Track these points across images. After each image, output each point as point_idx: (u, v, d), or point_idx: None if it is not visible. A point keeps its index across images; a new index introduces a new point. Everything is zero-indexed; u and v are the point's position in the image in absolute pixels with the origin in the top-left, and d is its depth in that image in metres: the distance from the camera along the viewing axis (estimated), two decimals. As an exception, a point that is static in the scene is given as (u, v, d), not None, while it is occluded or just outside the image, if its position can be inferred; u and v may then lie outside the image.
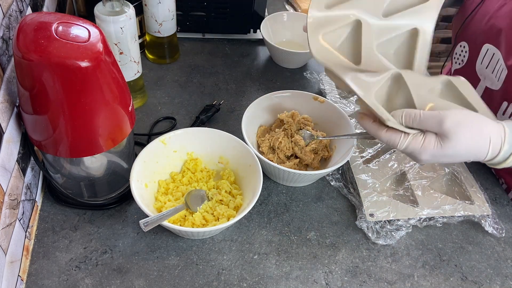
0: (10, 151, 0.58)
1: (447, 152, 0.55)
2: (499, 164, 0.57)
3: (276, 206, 0.74)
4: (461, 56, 0.84)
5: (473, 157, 0.56)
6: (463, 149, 0.55)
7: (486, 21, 0.76)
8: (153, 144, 0.69)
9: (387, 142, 0.58)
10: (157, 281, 0.63)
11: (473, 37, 0.79)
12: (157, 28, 0.92)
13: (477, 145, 0.55)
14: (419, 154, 0.57)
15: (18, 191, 0.60)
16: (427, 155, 0.56)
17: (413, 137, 0.57)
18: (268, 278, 0.65)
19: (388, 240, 0.70)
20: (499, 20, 0.74)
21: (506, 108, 0.74)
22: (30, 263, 0.63)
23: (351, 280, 0.66)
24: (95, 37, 0.53)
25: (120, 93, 0.59)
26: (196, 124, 0.84)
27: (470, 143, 0.55)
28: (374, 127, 0.59)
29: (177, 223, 0.66)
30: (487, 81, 0.77)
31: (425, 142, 0.56)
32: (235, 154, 0.72)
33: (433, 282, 0.66)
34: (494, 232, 0.72)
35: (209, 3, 1.00)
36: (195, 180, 0.73)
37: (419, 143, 0.56)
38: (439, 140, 0.55)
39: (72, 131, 0.56)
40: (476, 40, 0.78)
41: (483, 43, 0.77)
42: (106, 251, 0.65)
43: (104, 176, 0.69)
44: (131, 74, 0.81)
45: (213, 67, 0.99)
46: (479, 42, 0.78)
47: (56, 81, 0.51)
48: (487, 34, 0.76)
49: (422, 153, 0.56)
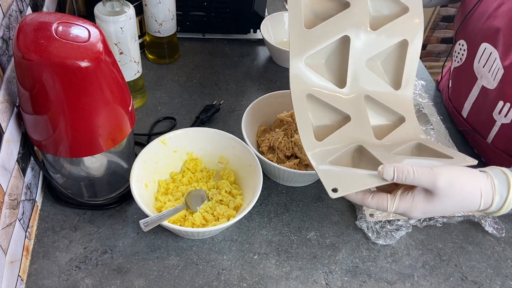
0: (10, 151, 0.58)
1: (438, 208, 0.55)
2: (494, 213, 0.57)
3: (276, 206, 0.74)
4: (459, 54, 0.84)
5: (465, 209, 0.56)
6: (453, 205, 0.55)
7: (484, 20, 0.76)
8: (153, 144, 0.69)
9: (377, 208, 0.57)
10: (157, 281, 0.63)
11: (472, 35, 0.79)
12: (157, 28, 0.92)
13: (468, 201, 0.55)
14: (410, 213, 0.56)
15: (18, 191, 0.60)
16: (418, 213, 0.56)
17: (400, 197, 0.56)
18: (268, 278, 0.65)
19: (388, 240, 0.70)
20: (497, 19, 0.74)
21: (502, 107, 0.74)
22: (30, 263, 0.63)
23: (351, 280, 0.66)
24: (95, 37, 0.53)
25: (120, 93, 0.59)
26: (196, 124, 0.84)
27: (460, 199, 0.54)
28: (359, 196, 0.57)
29: (177, 223, 0.66)
30: (484, 80, 0.77)
31: (415, 201, 0.55)
32: (235, 154, 0.72)
33: (433, 282, 0.66)
34: (494, 232, 0.72)
35: (209, 3, 1.00)
36: (195, 180, 0.73)
37: (408, 203, 0.55)
38: (429, 196, 0.55)
39: (72, 131, 0.56)
40: (474, 38, 0.79)
41: (481, 42, 0.77)
42: (106, 251, 0.65)
43: (104, 176, 0.69)
44: (131, 74, 0.81)
45: (213, 67, 0.99)
46: (477, 40, 0.78)
47: (56, 81, 0.51)
48: (485, 33, 0.76)
49: (413, 211, 0.56)
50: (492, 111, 0.76)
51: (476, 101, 0.81)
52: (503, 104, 0.74)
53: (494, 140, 0.78)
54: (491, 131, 0.78)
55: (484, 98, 0.78)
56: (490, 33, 0.75)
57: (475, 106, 0.82)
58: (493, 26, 0.74)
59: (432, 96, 0.97)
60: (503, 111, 0.74)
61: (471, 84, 0.81)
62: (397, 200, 0.56)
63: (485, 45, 0.76)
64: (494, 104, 0.75)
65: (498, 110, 0.75)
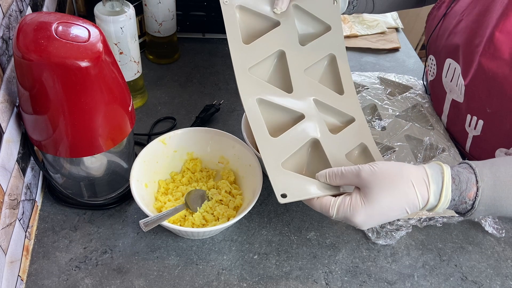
0: (10, 151, 0.58)
1: (375, 205, 0.53)
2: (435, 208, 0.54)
3: (276, 206, 0.74)
4: (431, 68, 0.86)
5: (406, 206, 0.53)
6: (387, 198, 0.53)
7: (446, 37, 0.78)
8: (153, 144, 0.69)
9: (320, 210, 0.57)
10: (157, 281, 0.63)
11: (438, 51, 0.81)
12: (157, 28, 0.92)
13: (402, 192, 0.53)
14: (352, 216, 0.54)
15: (18, 191, 0.60)
16: (360, 215, 0.54)
17: (340, 200, 0.56)
18: (268, 278, 0.65)
19: (388, 240, 0.70)
20: (457, 36, 0.75)
21: (470, 120, 0.75)
22: (30, 263, 0.63)
23: (351, 280, 0.66)
24: (95, 37, 0.53)
25: (120, 93, 0.59)
26: (196, 124, 0.84)
27: (391, 189, 0.53)
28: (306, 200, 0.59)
29: (177, 223, 0.66)
30: (453, 94, 0.78)
31: (352, 200, 0.55)
32: (235, 154, 0.72)
33: (433, 282, 0.66)
34: (494, 232, 0.72)
35: (209, 3, 1.00)
36: (195, 180, 0.73)
37: (347, 203, 0.55)
38: (363, 194, 0.54)
39: (72, 131, 0.56)
40: (440, 54, 0.80)
41: (445, 57, 0.78)
42: (106, 251, 0.65)
43: (104, 176, 0.69)
44: (131, 74, 0.81)
45: (213, 67, 0.99)
46: (443, 56, 0.79)
47: (56, 81, 0.51)
48: (448, 49, 0.77)
49: (354, 214, 0.54)
50: (464, 124, 0.77)
51: (450, 114, 0.82)
52: (471, 117, 0.75)
53: (471, 151, 0.79)
54: (466, 143, 0.79)
55: (455, 111, 0.80)
56: (452, 49, 0.76)
57: (450, 119, 0.83)
58: (454, 43, 0.75)
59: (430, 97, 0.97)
60: (471, 124, 0.75)
61: (443, 97, 0.83)
62: (338, 202, 0.56)
63: (450, 61, 0.77)
64: (464, 117, 0.76)
65: (468, 123, 0.76)
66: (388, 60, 1.09)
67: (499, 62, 0.66)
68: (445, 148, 0.82)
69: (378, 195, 0.53)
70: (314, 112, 0.68)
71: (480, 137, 0.75)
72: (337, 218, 0.57)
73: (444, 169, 0.54)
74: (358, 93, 0.93)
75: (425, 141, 0.83)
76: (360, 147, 0.70)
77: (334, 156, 0.65)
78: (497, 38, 0.66)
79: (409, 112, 0.90)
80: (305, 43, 0.73)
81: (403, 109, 0.90)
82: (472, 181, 0.53)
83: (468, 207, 0.54)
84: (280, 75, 0.70)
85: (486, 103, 0.70)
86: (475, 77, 0.71)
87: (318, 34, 0.74)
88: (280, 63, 0.70)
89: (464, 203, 0.54)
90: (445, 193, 0.53)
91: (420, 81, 0.98)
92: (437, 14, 0.82)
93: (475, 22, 0.71)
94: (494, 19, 0.67)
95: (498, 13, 0.67)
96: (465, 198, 0.54)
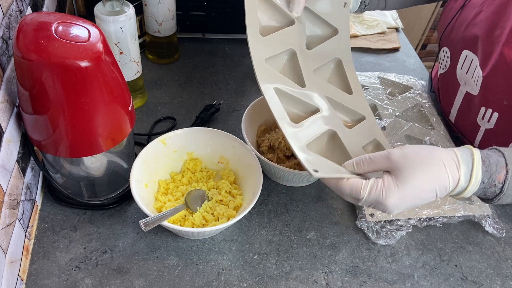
0: (10, 151, 0.58)
1: (408, 186, 0.52)
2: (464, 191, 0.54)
3: (276, 206, 0.74)
4: (444, 61, 0.85)
5: (437, 187, 0.53)
6: (420, 178, 0.52)
7: (464, 28, 0.77)
8: (153, 144, 0.69)
9: (350, 192, 0.55)
10: (157, 281, 0.63)
11: (454, 43, 0.81)
12: (157, 28, 0.92)
13: (433, 172, 0.52)
14: (385, 198, 0.53)
15: (18, 191, 0.60)
16: (393, 197, 0.53)
17: (373, 180, 0.54)
18: (268, 278, 0.65)
19: (388, 240, 0.70)
20: (475, 27, 0.74)
21: (484, 113, 0.75)
22: (30, 263, 0.63)
23: (351, 280, 0.66)
24: (95, 37, 0.53)
25: (120, 93, 0.59)
26: (196, 124, 0.84)
27: (424, 169, 0.53)
28: (333, 180, 0.57)
29: (177, 223, 0.66)
30: (468, 87, 0.78)
31: (385, 183, 0.53)
32: (235, 154, 0.72)
33: (433, 282, 0.66)
34: (494, 232, 0.72)
35: (209, 3, 1.00)
36: (195, 180, 0.73)
37: (380, 186, 0.54)
38: (394, 177, 0.53)
39: (72, 131, 0.56)
40: (456, 46, 0.80)
41: (462, 49, 0.78)
42: (106, 251, 0.65)
43: (104, 176, 0.69)
44: (131, 74, 0.81)
45: (213, 67, 0.99)
46: (459, 48, 0.79)
47: (56, 81, 0.51)
48: (465, 40, 0.77)
49: (387, 196, 0.53)
50: (476, 117, 0.77)
51: (461, 107, 0.82)
52: (485, 110, 0.74)
53: (480, 145, 0.79)
54: (476, 136, 0.79)
55: (468, 103, 0.79)
56: (470, 40, 0.75)
57: (461, 111, 0.83)
58: (472, 34, 0.75)
59: (432, 96, 0.97)
60: (485, 116, 0.74)
61: (455, 90, 0.82)
62: (370, 183, 0.54)
63: (466, 52, 0.77)
64: (478, 110, 0.76)
65: (481, 116, 0.75)
66: (388, 60, 1.09)
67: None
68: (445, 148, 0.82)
69: (411, 176, 0.53)
70: (328, 107, 0.68)
71: (493, 130, 0.74)
72: (366, 201, 0.55)
73: (474, 152, 0.54)
74: None
75: (425, 141, 0.83)
76: (374, 143, 0.69)
77: (352, 148, 0.64)
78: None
79: (409, 112, 0.90)
80: (311, 45, 0.73)
81: (403, 109, 0.90)
82: (502, 164, 0.53)
83: (497, 191, 0.54)
84: (292, 72, 0.70)
85: (504, 95, 0.70)
86: (495, 68, 0.70)
87: (325, 37, 0.74)
88: (291, 61, 0.70)
89: (493, 186, 0.54)
90: (476, 174, 0.52)
91: (420, 81, 0.98)
92: (454, 5, 0.81)
93: (496, 14, 0.71)
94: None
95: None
96: (495, 180, 0.53)
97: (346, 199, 0.58)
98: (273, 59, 0.67)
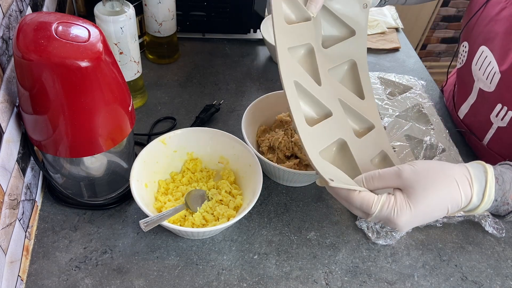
0: (10, 151, 0.58)
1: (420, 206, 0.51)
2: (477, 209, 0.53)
3: (276, 206, 0.74)
4: (462, 56, 0.84)
5: (449, 205, 0.52)
6: (433, 197, 0.51)
7: (486, 23, 0.76)
8: (153, 144, 0.69)
9: (360, 206, 0.53)
10: (157, 281, 0.63)
11: (473, 37, 0.80)
12: (157, 28, 0.92)
13: (446, 190, 0.51)
14: (396, 217, 0.51)
15: (18, 191, 0.60)
16: (405, 216, 0.51)
17: (385, 197, 0.52)
18: (268, 278, 0.65)
19: (388, 240, 0.70)
20: (498, 23, 0.74)
21: (500, 110, 0.74)
22: (30, 263, 0.63)
23: (351, 280, 0.66)
24: (95, 37, 0.53)
25: (120, 93, 0.59)
26: (196, 124, 0.84)
27: (436, 188, 0.51)
28: (344, 191, 0.54)
29: (177, 223, 0.66)
30: (480, 83, 0.77)
31: (397, 201, 0.52)
32: (235, 154, 0.72)
33: (433, 282, 0.66)
34: (494, 232, 0.72)
35: (209, 3, 1.00)
36: (195, 180, 0.73)
37: (392, 203, 0.52)
38: (406, 196, 0.52)
39: (72, 131, 0.56)
40: (475, 41, 0.79)
41: (480, 44, 0.77)
42: (106, 251, 0.65)
43: (104, 176, 0.69)
44: (131, 74, 0.81)
45: (213, 67, 0.99)
46: (477, 43, 0.78)
47: (56, 81, 0.51)
48: (485, 36, 0.76)
49: (399, 215, 0.51)
50: (490, 114, 0.76)
51: (475, 103, 0.81)
52: (501, 107, 0.73)
53: (490, 142, 0.79)
54: (487, 134, 0.78)
55: (482, 100, 0.78)
56: (489, 36, 0.75)
57: (474, 107, 0.82)
58: (493, 30, 0.74)
59: (432, 96, 0.97)
60: (500, 114, 0.74)
61: (470, 86, 0.81)
62: (382, 199, 0.52)
63: (483, 48, 0.76)
64: (492, 106, 0.75)
65: (495, 113, 0.75)
66: (388, 60, 1.09)
67: None
68: (445, 148, 0.82)
69: (423, 195, 0.51)
70: (340, 112, 0.66)
71: (505, 129, 0.74)
72: (376, 217, 0.53)
73: (488, 169, 0.52)
74: None
75: (425, 141, 0.83)
76: (381, 155, 0.68)
77: (361, 162, 0.63)
78: None
79: (409, 112, 0.90)
80: (327, 45, 0.71)
81: (403, 109, 0.90)
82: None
83: (510, 209, 0.53)
84: (309, 68, 0.68)
85: None
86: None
87: (342, 37, 0.73)
88: (309, 56, 0.68)
89: (507, 204, 0.52)
90: (489, 192, 0.51)
91: (420, 81, 0.98)
92: (479, 0, 0.80)
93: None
94: None
95: None
96: (508, 199, 0.52)
97: (354, 212, 0.56)
98: (292, 51, 0.65)
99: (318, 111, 0.66)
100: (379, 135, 0.70)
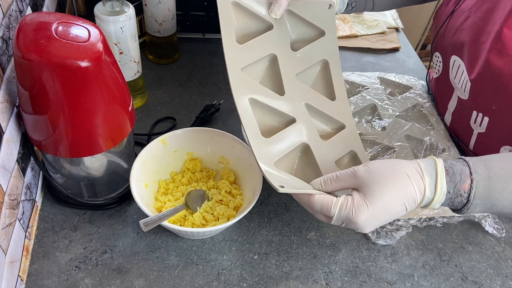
0: (10, 151, 0.58)
1: (377, 202, 0.52)
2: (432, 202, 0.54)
3: (276, 206, 0.74)
4: (437, 65, 0.85)
5: (405, 200, 0.52)
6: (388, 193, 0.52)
7: (453, 33, 0.77)
8: (153, 144, 0.69)
9: (321, 209, 0.54)
10: (157, 281, 0.63)
11: (444, 48, 0.81)
12: (157, 28, 0.92)
13: (399, 185, 0.52)
14: (355, 216, 0.52)
15: (18, 191, 0.60)
16: (363, 214, 0.52)
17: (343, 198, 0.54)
18: (268, 278, 0.65)
19: (388, 240, 0.70)
20: (463, 33, 0.75)
21: (476, 117, 0.75)
22: (30, 263, 0.63)
23: (351, 280, 0.66)
24: (95, 37, 0.53)
25: (120, 93, 0.59)
26: (196, 124, 0.84)
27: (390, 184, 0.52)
28: (305, 197, 0.56)
29: (177, 223, 0.66)
30: (457, 91, 0.78)
31: (354, 200, 0.53)
32: (235, 154, 0.72)
33: (433, 282, 0.66)
34: (494, 232, 0.72)
35: (209, 3, 1.00)
36: (195, 180, 0.73)
37: (349, 203, 0.53)
38: (362, 195, 0.53)
39: (72, 131, 0.56)
40: (446, 51, 0.80)
41: (451, 54, 0.78)
42: (106, 251, 0.65)
43: (104, 176, 0.69)
44: (131, 74, 0.81)
45: (213, 67, 0.99)
46: (448, 53, 0.79)
47: (56, 81, 0.51)
48: (453, 46, 0.77)
49: (357, 214, 0.52)
50: (469, 121, 0.77)
51: (455, 111, 0.82)
52: (477, 114, 0.75)
53: (474, 148, 0.79)
54: (470, 140, 0.79)
55: (461, 107, 0.80)
56: (457, 46, 0.76)
57: (455, 115, 0.83)
58: (460, 40, 0.75)
59: (432, 96, 0.97)
60: (477, 120, 0.75)
61: (449, 94, 0.82)
62: (340, 201, 0.54)
63: (455, 58, 0.77)
64: (470, 113, 0.76)
65: (473, 120, 0.76)
66: (388, 60, 1.09)
67: (506, 59, 0.66)
68: (445, 148, 0.82)
69: (378, 191, 0.52)
70: (305, 117, 0.67)
71: (485, 134, 0.75)
72: (337, 219, 0.55)
73: (437, 162, 0.54)
74: (358, 93, 0.93)
75: (425, 141, 0.83)
76: (350, 154, 0.70)
77: (324, 163, 0.65)
78: (505, 34, 0.66)
79: (409, 112, 0.90)
80: (298, 48, 0.72)
81: (403, 109, 0.90)
82: (466, 173, 0.53)
83: (464, 201, 0.53)
84: (272, 78, 0.69)
85: (491, 100, 0.70)
86: (481, 74, 0.70)
87: (312, 39, 0.73)
88: (272, 66, 0.69)
89: (460, 195, 0.53)
90: (440, 184, 0.53)
91: (420, 81, 0.98)
92: (444, 11, 0.82)
93: (483, 19, 0.71)
94: (502, 15, 0.67)
95: (506, 9, 0.67)
96: (460, 190, 0.53)
97: (318, 217, 0.57)
98: (252, 67, 0.66)
99: (280, 120, 0.67)
100: (350, 135, 0.71)
